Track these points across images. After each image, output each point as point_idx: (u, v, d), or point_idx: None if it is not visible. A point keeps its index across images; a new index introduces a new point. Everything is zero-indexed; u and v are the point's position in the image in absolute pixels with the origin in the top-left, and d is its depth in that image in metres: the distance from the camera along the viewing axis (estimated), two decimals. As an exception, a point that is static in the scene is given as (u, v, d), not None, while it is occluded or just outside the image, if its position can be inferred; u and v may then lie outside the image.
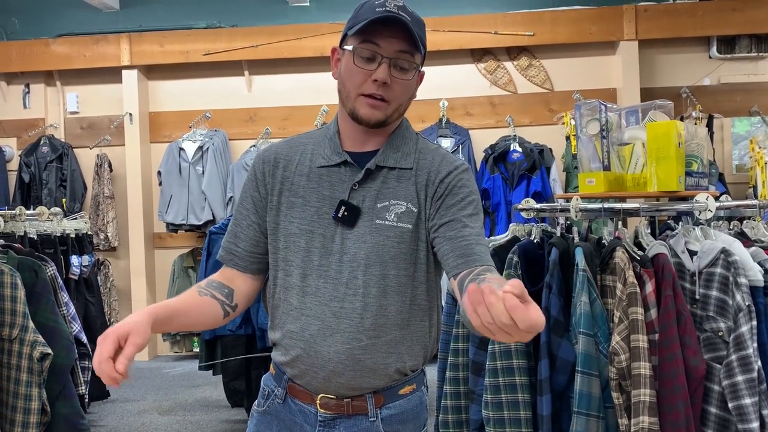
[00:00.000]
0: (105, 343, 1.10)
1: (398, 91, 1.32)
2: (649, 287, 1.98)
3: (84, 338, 3.08)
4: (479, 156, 5.58)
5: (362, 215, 1.33)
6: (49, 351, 2.55)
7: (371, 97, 1.31)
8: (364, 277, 1.31)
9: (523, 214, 2.52)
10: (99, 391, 4.21)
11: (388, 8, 1.27)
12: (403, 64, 1.31)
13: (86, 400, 3.09)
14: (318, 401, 1.36)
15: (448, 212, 1.32)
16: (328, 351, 1.31)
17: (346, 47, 1.33)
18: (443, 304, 2.37)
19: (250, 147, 5.79)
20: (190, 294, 1.36)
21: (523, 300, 0.87)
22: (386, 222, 1.33)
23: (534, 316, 0.87)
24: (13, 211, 3.44)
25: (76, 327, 3.03)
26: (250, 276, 1.43)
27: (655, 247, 2.07)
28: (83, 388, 2.93)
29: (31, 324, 2.55)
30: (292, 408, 1.39)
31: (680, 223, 2.25)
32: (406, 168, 1.37)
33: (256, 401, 1.47)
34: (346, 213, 1.32)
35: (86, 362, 3.04)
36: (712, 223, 2.13)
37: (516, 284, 0.88)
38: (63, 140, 6.11)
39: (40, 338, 2.55)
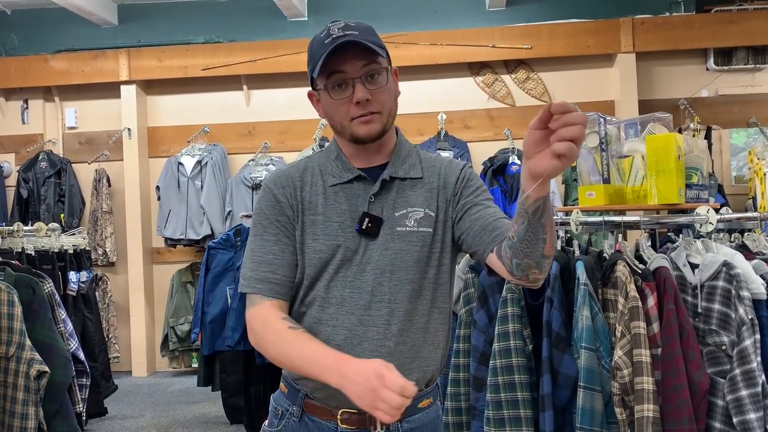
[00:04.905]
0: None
1: (382, 98, 1.36)
2: (651, 301, 1.97)
3: (81, 355, 3.06)
4: (478, 168, 5.57)
5: (383, 225, 1.37)
6: (46, 369, 2.53)
7: (362, 116, 1.34)
8: (390, 284, 1.35)
9: (523, 227, 2.51)
10: (97, 408, 4.18)
11: (333, 36, 1.32)
12: (374, 75, 1.35)
13: (84, 418, 3.06)
14: (339, 416, 1.35)
15: (469, 199, 1.40)
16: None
17: (318, 88, 1.38)
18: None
19: (249, 161, 5.79)
20: (308, 336, 1.31)
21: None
22: (407, 228, 1.37)
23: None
24: (11, 227, 3.43)
25: (74, 344, 3.01)
26: (286, 303, 1.39)
27: (656, 260, 2.06)
28: (80, 406, 2.91)
29: (28, 342, 2.53)
30: (310, 426, 1.38)
31: (681, 235, 2.23)
32: (416, 177, 1.42)
33: (267, 422, 1.45)
34: (369, 224, 1.36)
35: (83, 380, 3.02)
36: (713, 236, 2.12)
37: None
38: (61, 156, 6.10)
39: (37, 356, 2.53)
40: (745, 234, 2.47)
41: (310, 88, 1.44)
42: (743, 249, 2.24)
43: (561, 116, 1.04)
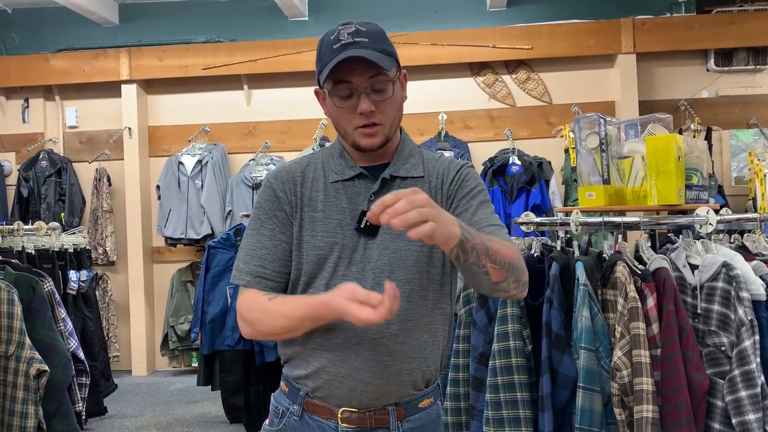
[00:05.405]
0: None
1: (386, 110, 1.36)
2: (651, 302, 1.97)
3: (81, 354, 3.06)
4: (478, 169, 5.58)
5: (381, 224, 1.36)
6: (46, 368, 2.53)
7: (365, 127, 1.35)
8: None
9: (523, 228, 2.51)
10: (96, 407, 4.18)
11: (343, 42, 1.31)
12: (380, 86, 1.34)
13: (83, 417, 3.06)
14: (339, 415, 1.35)
15: (460, 204, 1.39)
16: (355, 359, 1.32)
17: (325, 89, 1.38)
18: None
19: (249, 161, 5.79)
20: (284, 298, 1.36)
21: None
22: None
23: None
24: (11, 226, 3.44)
25: (74, 343, 3.01)
26: None
27: (656, 261, 2.06)
28: (80, 405, 2.91)
29: (27, 341, 2.53)
30: (310, 425, 1.38)
31: (680, 236, 2.24)
32: (417, 177, 1.42)
33: (268, 420, 1.45)
34: (368, 223, 1.35)
35: (83, 379, 3.02)
36: (712, 237, 2.12)
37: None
38: (62, 155, 6.11)
39: (37, 355, 2.53)
40: (745, 235, 2.47)
41: (312, 88, 1.44)
42: (743, 250, 2.24)
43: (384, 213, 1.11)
